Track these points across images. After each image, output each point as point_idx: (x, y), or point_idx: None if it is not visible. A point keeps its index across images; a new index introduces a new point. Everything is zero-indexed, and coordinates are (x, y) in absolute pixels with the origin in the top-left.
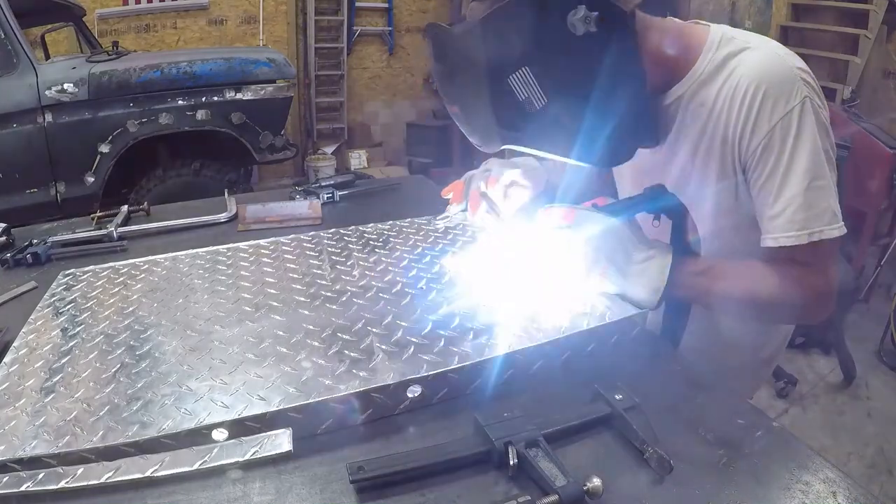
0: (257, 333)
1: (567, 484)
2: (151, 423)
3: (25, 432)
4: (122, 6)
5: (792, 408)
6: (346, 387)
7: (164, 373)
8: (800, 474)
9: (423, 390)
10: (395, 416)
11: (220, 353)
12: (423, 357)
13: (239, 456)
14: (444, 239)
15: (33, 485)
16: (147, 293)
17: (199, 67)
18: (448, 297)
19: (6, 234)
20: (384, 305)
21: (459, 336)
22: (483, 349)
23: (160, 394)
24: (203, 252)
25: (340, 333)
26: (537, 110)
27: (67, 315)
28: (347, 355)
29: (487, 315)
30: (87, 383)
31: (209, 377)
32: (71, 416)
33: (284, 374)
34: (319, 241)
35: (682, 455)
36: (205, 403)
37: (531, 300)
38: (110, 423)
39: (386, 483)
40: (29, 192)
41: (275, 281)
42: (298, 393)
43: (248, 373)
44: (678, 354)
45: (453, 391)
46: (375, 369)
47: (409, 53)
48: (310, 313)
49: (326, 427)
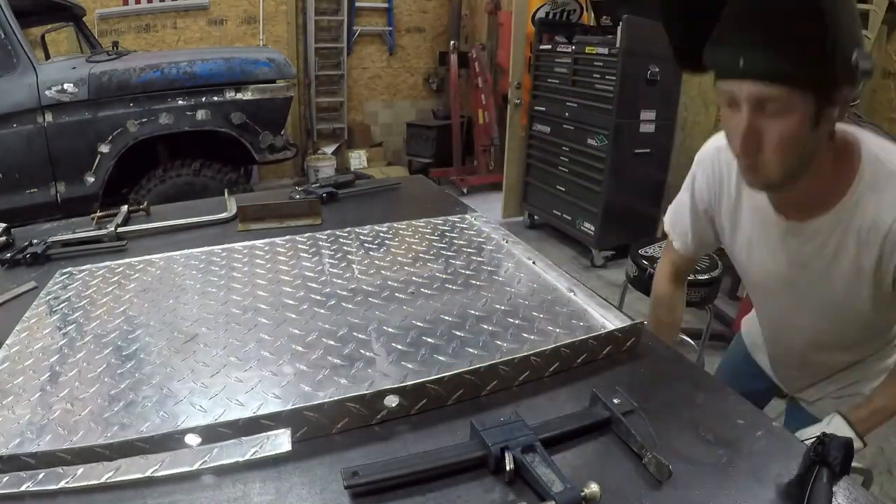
0: (242, 336)
1: (564, 490)
2: (130, 426)
3: (10, 430)
4: (122, 6)
5: None
6: (325, 394)
7: (147, 374)
8: None
9: (401, 400)
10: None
11: (204, 356)
12: (406, 365)
13: (239, 456)
14: (440, 242)
15: (33, 485)
16: (139, 293)
17: (199, 67)
18: (438, 303)
19: (6, 234)
20: (373, 310)
21: (445, 344)
22: (468, 359)
23: (141, 395)
24: (198, 252)
25: (325, 339)
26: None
27: (60, 314)
28: (330, 361)
29: (477, 323)
30: (72, 383)
31: (190, 380)
32: (54, 416)
33: (264, 378)
34: (315, 243)
35: (682, 455)
36: (183, 407)
37: (526, 309)
38: (91, 424)
39: (381, 488)
40: (29, 192)
41: (265, 283)
42: (276, 399)
43: (228, 376)
44: (678, 355)
45: (433, 403)
46: (356, 377)
47: (409, 53)
48: (297, 317)
49: (301, 435)
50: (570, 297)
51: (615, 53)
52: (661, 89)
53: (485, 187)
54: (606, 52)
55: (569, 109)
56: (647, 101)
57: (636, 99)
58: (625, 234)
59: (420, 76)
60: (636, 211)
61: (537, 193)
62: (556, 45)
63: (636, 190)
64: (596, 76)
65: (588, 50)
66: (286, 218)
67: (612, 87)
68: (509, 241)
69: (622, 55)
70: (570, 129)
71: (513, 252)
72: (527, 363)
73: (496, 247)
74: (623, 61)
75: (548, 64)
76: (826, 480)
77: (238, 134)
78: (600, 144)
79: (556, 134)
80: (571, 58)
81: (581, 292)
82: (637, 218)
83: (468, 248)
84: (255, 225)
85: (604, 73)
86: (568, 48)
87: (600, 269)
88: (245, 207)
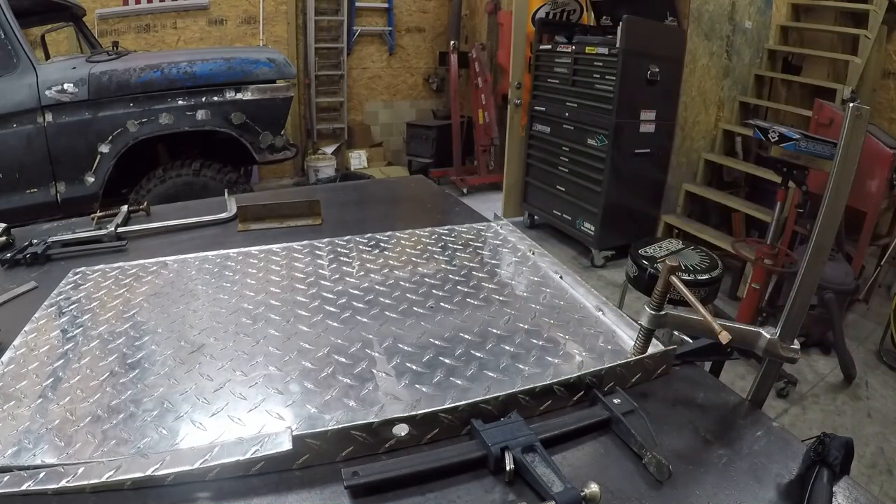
0: (250, 349)
1: (564, 490)
2: (128, 441)
3: (8, 438)
4: (122, 6)
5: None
6: (331, 417)
7: (150, 385)
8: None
9: (411, 430)
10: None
11: (209, 368)
12: (420, 388)
13: (239, 455)
14: (464, 252)
15: (34, 484)
16: (150, 297)
17: (199, 67)
18: (455, 321)
19: (6, 234)
20: (388, 325)
21: (462, 366)
22: (487, 384)
23: (142, 409)
24: (213, 256)
25: (336, 355)
26: None
27: (69, 316)
28: (339, 380)
29: (498, 343)
30: (74, 390)
31: (193, 394)
32: (53, 425)
33: (269, 397)
34: (333, 249)
35: (682, 455)
36: (184, 423)
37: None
38: (88, 437)
39: (381, 488)
40: (29, 192)
41: (279, 291)
42: (279, 420)
43: (232, 392)
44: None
45: (444, 433)
46: (364, 399)
47: (409, 53)
48: (309, 329)
49: (304, 462)
50: (599, 316)
51: (615, 53)
52: (661, 89)
53: (485, 187)
54: (606, 52)
55: (569, 109)
56: (647, 101)
57: (636, 99)
58: (625, 234)
59: (420, 76)
60: (636, 211)
61: (537, 193)
62: (556, 45)
63: (636, 190)
64: (596, 76)
65: (588, 50)
66: (286, 218)
67: (612, 87)
68: (535, 252)
69: (622, 55)
70: (570, 129)
71: (539, 265)
72: (549, 393)
73: (522, 258)
74: (623, 61)
75: (548, 64)
76: (826, 480)
77: (238, 134)
78: (600, 144)
79: (556, 134)
80: (571, 58)
81: (610, 312)
82: (637, 218)
83: (492, 260)
84: (255, 225)
85: (604, 73)
86: (568, 48)
87: (600, 269)
88: (245, 207)
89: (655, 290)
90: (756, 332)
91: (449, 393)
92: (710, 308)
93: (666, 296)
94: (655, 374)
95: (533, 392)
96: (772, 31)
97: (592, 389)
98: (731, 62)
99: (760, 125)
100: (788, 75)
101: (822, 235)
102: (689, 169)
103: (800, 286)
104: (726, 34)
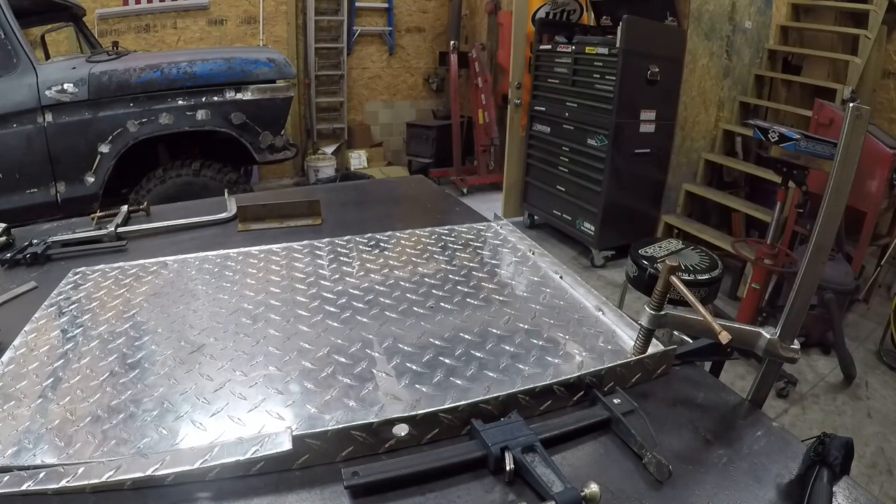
0: (250, 349)
1: (564, 490)
2: (128, 441)
3: (8, 438)
4: (122, 6)
5: (792, 408)
6: (331, 417)
7: (149, 385)
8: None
9: (411, 430)
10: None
11: (209, 368)
12: (420, 388)
13: (239, 455)
14: (464, 252)
15: (34, 484)
16: (150, 297)
17: (199, 67)
18: (454, 322)
19: (6, 234)
20: (388, 325)
21: (462, 366)
22: (486, 384)
23: (142, 409)
24: (213, 256)
25: (336, 355)
26: None
27: (69, 316)
28: (339, 380)
29: (498, 343)
30: (74, 390)
31: (193, 394)
32: (53, 425)
33: (269, 397)
34: (333, 249)
35: (682, 455)
36: (184, 423)
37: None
38: (88, 437)
39: (381, 488)
40: (29, 192)
41: (279, 291)
42: (279, 420)
43: (232, 392)
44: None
45: (445, 433)
46: (364, 399)
47: (409, 53)
48: (309, 329)
49: (304, 462)
50: (599, 316)
51: (615, 53)
52: (661, 89)
53: (485, 187)
54: (606, 52)
55: (569, 109)
56: (647, 101)
57: (636, 99)
58: (625, 234)
59: (420, 76)
60: (636, 211)
61: (537, 193)
62: (556, 45)
63: (636, 190)
64: (596, 76)
65: (588, 50)
66: (286, 218)
67: (612, 87)
68: (535, 252)
69: (622, 55)
70: (570, 129)
71: (539, 265)
72: (549, 393)
73: (522, 258)
74: (623, 61)
75: (548, 64)
76: (826, 480)
77: (238, 134)
78: (600, 144)
79: (556, 134)
80: (571, 58)
81: (610, 312)
82: (637, 218)
83: (492, 260)
84: (255, 225)
85: (604, 73)
86: (568, 48)
87: (600, 269)
88: (245, 207)
89: (655, 290)
90: (756, 332)
91: (449, 393)
92: (710, 308)
93: (666, 296)
94: (655, 374)
95: (533, 392)
96: (772, 31)
97: (592, 389)
98: (731, 62)
99: (760, 125)
100: (788, 75)
101: (822, 235)
102: (689, 169)
103: (800, 286)
104: (726, 34)
